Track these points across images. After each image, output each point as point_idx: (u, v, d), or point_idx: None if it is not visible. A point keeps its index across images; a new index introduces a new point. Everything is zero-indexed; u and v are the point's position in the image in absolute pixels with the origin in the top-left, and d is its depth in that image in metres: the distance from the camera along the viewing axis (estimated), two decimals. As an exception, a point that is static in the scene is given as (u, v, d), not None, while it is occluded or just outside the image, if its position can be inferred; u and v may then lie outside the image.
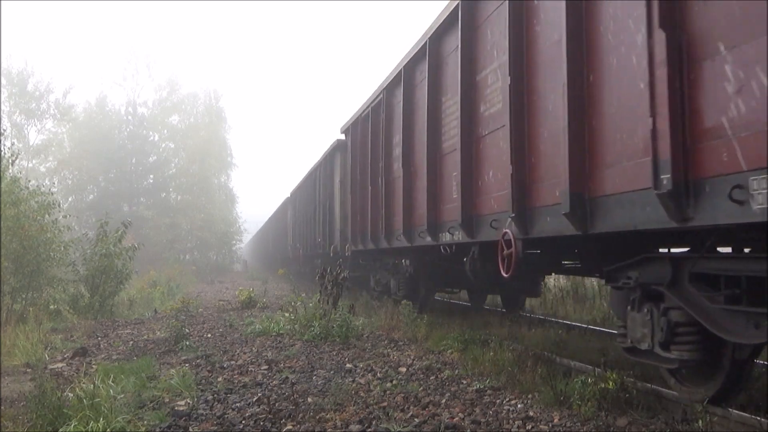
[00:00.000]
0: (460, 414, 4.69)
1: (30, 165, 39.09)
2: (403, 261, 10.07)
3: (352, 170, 12.59)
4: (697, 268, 4.02)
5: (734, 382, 4.20)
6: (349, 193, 12.77)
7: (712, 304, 3.86)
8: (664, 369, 4.56)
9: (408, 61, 8.83)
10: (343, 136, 14.17)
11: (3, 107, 37.78)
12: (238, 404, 5.15)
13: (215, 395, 5.47)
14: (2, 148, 13.42)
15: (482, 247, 6.79)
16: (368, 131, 11.31)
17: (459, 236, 6.88)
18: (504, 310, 10.62)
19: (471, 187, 6.54)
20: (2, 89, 38.31)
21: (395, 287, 10.72)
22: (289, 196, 27.03)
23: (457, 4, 6.81)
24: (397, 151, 9.36)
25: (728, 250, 4.28)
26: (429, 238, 7.84)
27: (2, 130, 14.61)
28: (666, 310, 4.19)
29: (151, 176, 46.00)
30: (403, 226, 8.80)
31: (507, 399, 5.07)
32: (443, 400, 5.09)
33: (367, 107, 11.39)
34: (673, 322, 4.14)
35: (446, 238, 7.34)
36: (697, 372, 4.43)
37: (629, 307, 4.60)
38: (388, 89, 10.08)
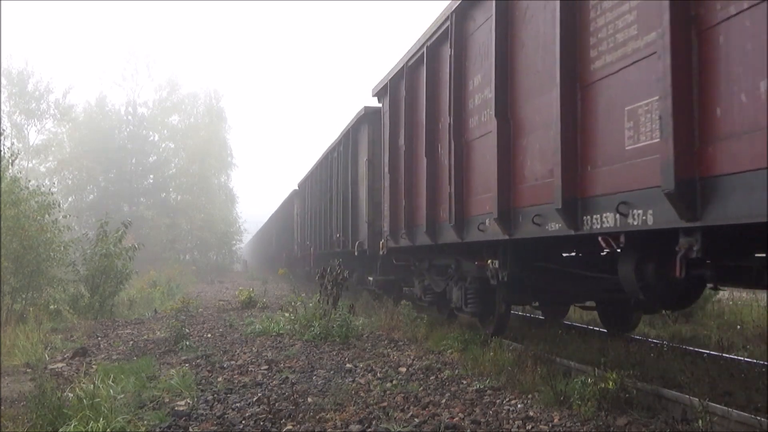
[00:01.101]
0: (460, 414, 4.69)
1: (30, 165, 39.11)
2: (490, 263, 6.73)
3: (391, 141, 9.39)
4: None
5: None
6: (387, 173, 9.58)
7: None
8: None
9: None
10: (374, 101, 10.90)
11: (3, 107, 37.86)
12: (238, 404, 5.15)
13: (215, 395, 5.47)
14: (2, 148, 13.43)
15: (709, 236, 3.83)
16: (421, 82, 8.15)
17: (649, 218, 3.89)
18: (605, 330, 7.87)
19: (691, 121, 3.58)
20: (2, 89, 38.41)
21: (459, 299, 7.84)
22: (296, 188, 24.04)
23: None
24: (480, 98, 6.39)
25: None
26: (559, 225, 4.87)
27: (2, 130, 14.62)
28: None
29: (151, 176, 46.04)
30: (498, 207, 5.69)
31: (507, 399, 5.08)
32: (443, 400, 5.09)
33: (419, 49, 8.18)
34: None
35: (606, 222, 4.30)
36: None
37: None
38: (460, 12, 6.88)
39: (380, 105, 10.44)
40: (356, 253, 11.91)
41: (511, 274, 6.51)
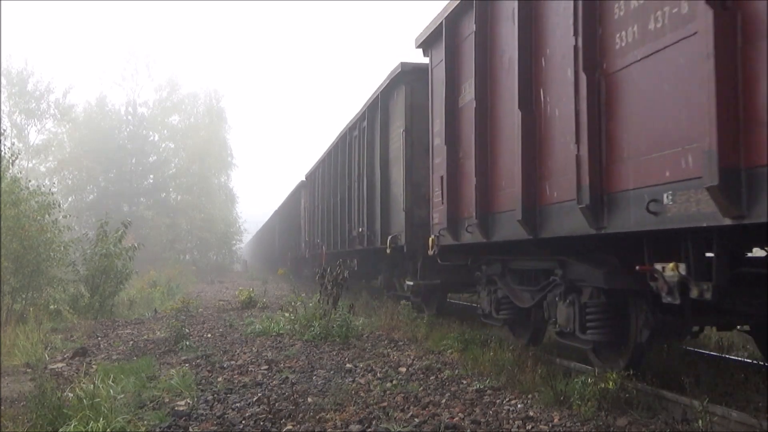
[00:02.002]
0: (460, 414, 4.70)
1: (30, 165, 39.11)
2: (670, 268, 4.11)
3: (448, 101, 6.91)
4: None
5: None
6: (442, 145, 7.05)
7: None
8: None
9: None
10: (417, 56, 8.33)
11: (3, 107, 37.87)
12: (238, 404, 5.15)
13: (215, 395, 5.48)
14: (2, 148, 13.44)
15: None
16: (504, 4, 5.80)
17: None
18: None
19: None
20: (2, 89, 38.40)
21: (569, 320, 5.34)
22: (303, 180, 21.67)
23: None
24: None
25: None
26: None
27: (2, 130, 14.61)
28: None
29: (151, 176, 46.08)
30: (719, 167, 3.21)
31: (507, 399, 5.08)
32: (443, 400, 5.09)
33: None
34: None
35: None
36: None
37: None
38: None
39: (426, 59, 8.02)
40: (388, 251, 9.69)
41: (719, 286, 3.96)
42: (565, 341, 5.64)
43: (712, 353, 6.21)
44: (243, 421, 4.65)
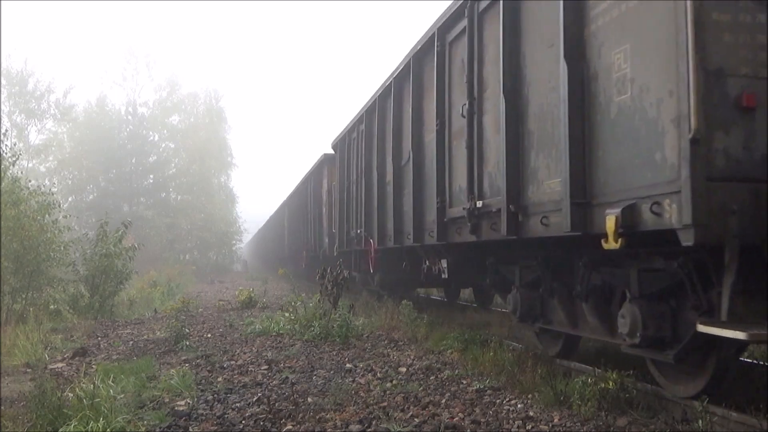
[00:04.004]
0: (460, 414, 4.69)
1: (30, 165, 39.05)
2: None
3: None
4: None
5: None
6: None
7: None
8: None
9: None
10: None
11: (3, 107, 37.85)
12: (238, 404, 5.15)
13: (215, 395, 5.48)
14: (3, 148, 13.43)
15: None
16: None
17: None
18: None
19: None
20: (2, 89, 38.36)
21: None
22: (328, 153, 16.30)
23: None
24: None
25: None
26: None
27: (4, 131, 14.59)
28: None
29: (151, 176, 46.03)
30: None
31: (507, 399, 5.08)
32: (443, 400, 5.09)
33: None
34: None
35: None
36: None
37: None
38: None
39: None
40: (617, 244, 3.89)
41: None
42: None
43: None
44: (243, 421, 4.66)
